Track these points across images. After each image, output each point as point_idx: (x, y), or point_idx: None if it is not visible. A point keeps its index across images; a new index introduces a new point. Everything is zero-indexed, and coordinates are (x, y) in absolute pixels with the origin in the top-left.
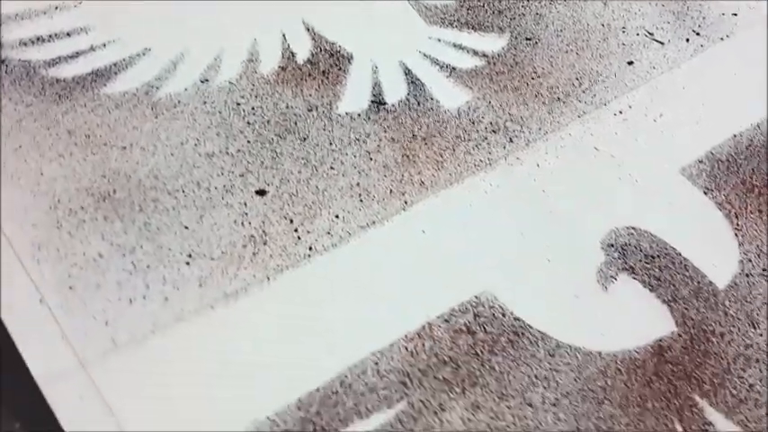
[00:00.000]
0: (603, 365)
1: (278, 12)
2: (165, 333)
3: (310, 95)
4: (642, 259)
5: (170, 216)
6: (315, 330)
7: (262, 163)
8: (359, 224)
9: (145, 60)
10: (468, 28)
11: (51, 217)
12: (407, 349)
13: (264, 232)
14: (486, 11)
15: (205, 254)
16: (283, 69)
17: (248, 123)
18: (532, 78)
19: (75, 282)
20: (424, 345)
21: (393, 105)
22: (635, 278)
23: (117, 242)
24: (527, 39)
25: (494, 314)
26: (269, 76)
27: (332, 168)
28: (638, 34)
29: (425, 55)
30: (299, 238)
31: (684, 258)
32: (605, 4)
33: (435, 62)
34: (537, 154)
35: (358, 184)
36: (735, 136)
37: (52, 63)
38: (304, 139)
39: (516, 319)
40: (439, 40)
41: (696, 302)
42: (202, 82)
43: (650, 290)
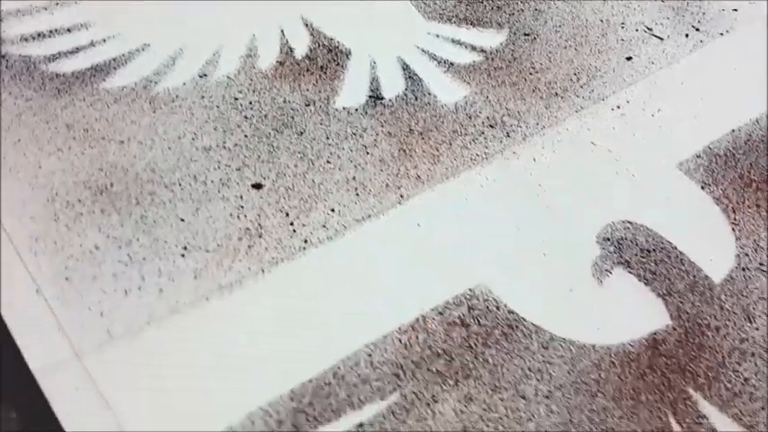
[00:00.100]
0: (597, 358)
1: (277, 7)
2: (161, 325)
3: (308, 90)
4: (638, 253)
5: (166, 209)
6: (310, 323)
7: (258, 157)
8: (354, 217)
9: (144, 56)
10: (466, 23)
11: (49, 210)
12: (401, 341)
13: (260, 225)
14: (484, 6)
15: (201, 246)
16: (281, 64)
17: (245, 118)
18: (530, 74)
19: (71, 273)
20: (418, 337)
21: (390, 100)
22: (630, 272)
23: (113, 234)
24: (525, 34)
25: (488, 307)
26: (267, 71)
27: (328, 162)
28: (637, 30)
29: (424, 50)
30: (295, 231)
31: (680, 252)
32: (604, 1)
33: (433, 57)
34: (534, 148)
35: (354, 178)
36: (733, 131)
37: (52, 58)
38: (301, 134)
39: (510, 312)
40: (437, 36)
41: (691, 296)
42: (201, 77)
43: (645, 283)
